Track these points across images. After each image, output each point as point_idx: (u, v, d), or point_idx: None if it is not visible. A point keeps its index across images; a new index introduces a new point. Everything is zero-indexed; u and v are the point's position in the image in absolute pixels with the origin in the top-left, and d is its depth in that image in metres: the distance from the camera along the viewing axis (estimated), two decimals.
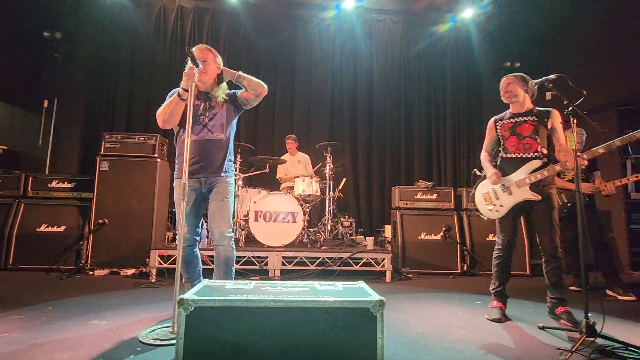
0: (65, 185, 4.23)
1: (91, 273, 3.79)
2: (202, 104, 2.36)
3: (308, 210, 4.38)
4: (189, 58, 2.12)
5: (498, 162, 2.64)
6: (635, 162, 4.33)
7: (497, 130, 2.65)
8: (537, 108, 2.56)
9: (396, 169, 6.23)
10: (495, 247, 2.66)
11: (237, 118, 2.53)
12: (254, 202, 4.04)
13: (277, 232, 3.97)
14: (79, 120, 5.46)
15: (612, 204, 4.92)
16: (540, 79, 2.24)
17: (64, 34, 5.28)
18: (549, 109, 2.53)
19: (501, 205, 2.55)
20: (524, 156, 2.50)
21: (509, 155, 2.57)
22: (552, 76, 2.20)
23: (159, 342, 1.85)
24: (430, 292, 3.39)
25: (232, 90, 2.49)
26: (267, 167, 4.61)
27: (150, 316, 2.37)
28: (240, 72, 2.38)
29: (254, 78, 2.38)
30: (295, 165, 5.22)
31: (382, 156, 6.25)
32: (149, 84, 5.75)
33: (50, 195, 4.18)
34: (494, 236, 4.47)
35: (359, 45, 6.31)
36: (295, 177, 4.52)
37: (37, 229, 3.97)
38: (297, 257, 3.91)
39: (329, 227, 4.59)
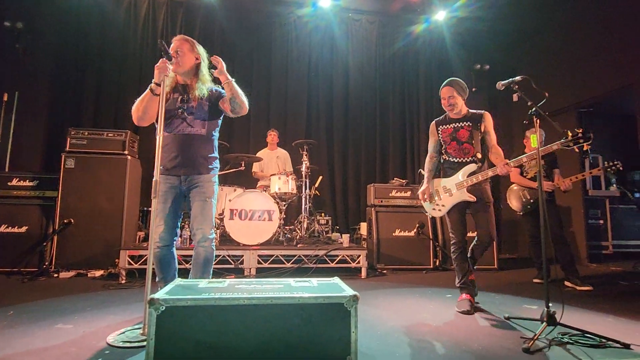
0: (27, 183, 4.01)
1: (56, 275, 3.62)
2: (180, 97, 2.25)
3: (284, 208, 4.37)
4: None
5: (442, 163, 2.88)
6: (592, 161, 4.65)
7: (439, 134, 2.86)
8: (470, 111, 2.79)
9: (372, 166, 6.33)
10: (451, 243, 2.80)
11: (221, 115, 2.42)
12: (229, 200, 3.98)
13: (252, 231, 3.94)
14: (43, 115, 5.17)
15: (572, 200, 5.23)
16: (506, 81, 2.33)
17: (25, 24, 4.99)
18: (482, 112, 2.75)
19: (443, 205, 2.78)
20: (462, 160, 2.75)
21: (450, 159, 2.80)
22: (517, 78, 2.31)
23: (128, 345, 1.80)
24: (403, 287, 3.48)
25: (218, 89, 2.37)
26: (243, 164, 4.56)
27: (120, 319, 2.29)
28: (232, 81, 2.24)
29: (241, 96, 2.26)
30: (274, 161, 5.15)
31: (358, 154, 6.32)
32: (118, 78, 5.53)
33: (10, 194, 3.94)
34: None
35: (336, 44, 6.34)
36: (271, 175, 4.49)
37: None
38: (273, 255, 3.90)
39: (305, 225, 4.59)
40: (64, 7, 5.31)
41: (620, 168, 3.25)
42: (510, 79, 2.32)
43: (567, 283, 3.47)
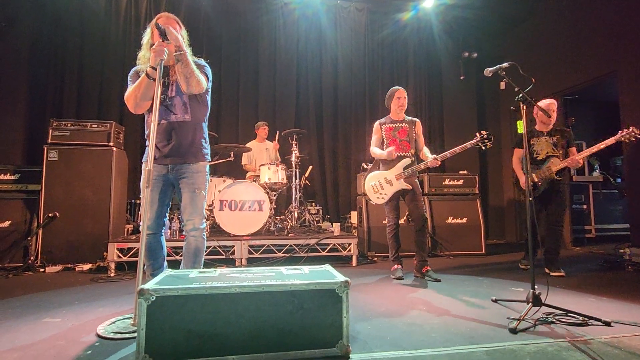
0: (9, 177, 3.89)
1: (42, 270, 3.55)
2: (162, 81, 2.08)
3: (274, 198, 4.35)
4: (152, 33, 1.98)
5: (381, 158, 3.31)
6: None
7: (382, 132, 3.39)
8: (406, 117, 3.41)
9: (361, 156, 6.33)
10: (387, 224, 3.36)
11: (207, 96, 2.25)
12: (219, 191, 3.95)
13: (243, 221, 3.92)
14: (22, 105, 4.98)
15: None
16: (494, 67, 2.34)
17: (1, 12, 4.77)
18: (415, 120, 3.42)
19: (385, 194, 3.27)
20: (401, 154, 3.28)
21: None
22: (504, 64, 2.32)
23: (119, 336, 1.78)
24: None
25: (199, 61, 2.21)
26: (232, 155, 4.51)
27: (110, 311, 2.27)
28: (186, 52, 2.02)
29: (194, 69, 2.04)
30: (263, 153, 5.14)
31: (347, 143, 6.31)
32: (101, 66, 5.36)
33: None
34: (453, 219, 4.74)
35: (324, 32, 6.26)
36: (261, 166, 4.46)
37: None
38: (264, 245, 3.90)
39: (295, 215, 4.60)
40: None
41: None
42: (498, 66, 2.33)
43: (546, 269, 3.37)
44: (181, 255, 2.27)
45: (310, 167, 5.29)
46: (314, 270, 1.82)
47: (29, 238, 3.68)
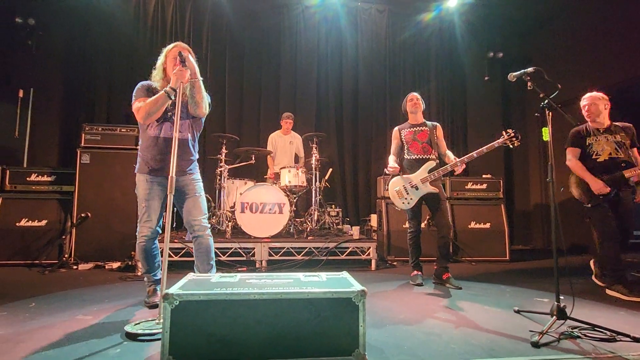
0: (45, 178, 4.13)
1: (75, 267, 3.76)
2: (171, 101, 2.31)
3: (294, 200, 4.41)
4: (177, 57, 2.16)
5: (403, 163, 3.30)
6: None
7: (402, 137, 3.35)
8: (426, 121, 3.36)
9: (382, 158, 6.29)
10: (409, 230, 3.31)
11: (203, 119, 2.53)
12: (240, 194, 4.04)
13: (263, 223, 4.00)
14: (57, 110, 5.28)
15: None
16: (518, 72, 2.28)
17: (37, 20, 5.06)
18: (436, 124, 3.37)
19: (411, 198, 3.18)
20: (423, 157, 3.23)
21: (412, 157, 3.26)
22: (529, 69, 2.26)
23: (145, 337, 1.87)
24: None
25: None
26: (253, 158, 4.59)
27: (136, 309, 2.38)
28: (200, 80, 2.30)
29: (204, 96, 2.34)
30: (287, 147, 5.12)
31: (368, 146, 6.29)
32: (129, 74, 5.58)
33: (29, 189, 4.08)
34: (476, 224, 4.65)
35: (344, 34, 6.26)
36: (281, 169, 4.52)
37: (17, 224, 3.90)
38: (284, 247, 3.95)
39: (315, 217, 4.63)
40: (73, 3, 5.36)
41: None
42: (522, 71, 2.27)
43: (609, 292, 2.89)
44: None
45: (330, 169, 5.31)
46: (332, 278, 1.84)
47: (64, 237, 3.90)
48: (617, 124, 2.99)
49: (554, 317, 1.96)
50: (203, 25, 5.84)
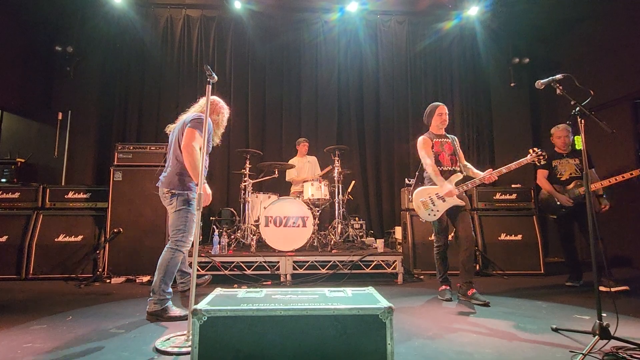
0: (81, 195, 4.35)
1: (108, 281, 3.90)
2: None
3: (318, 214, 4.41)
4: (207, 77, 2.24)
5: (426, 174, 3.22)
6: None
7: (432, 146, 3.22)
8: (446, 133, 3.30)
9: (405, 170, 6.22)
10: (436, 244, 3.21)
11: None
12: (264, 208, 4.09)
13: (287, 237, 4.01)
14: (92, 131, 5.61)
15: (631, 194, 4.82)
16: (546, 80, 2.21)
17: (75, 48, 5.44)
18: (454, 136, 3.33)
19: (438, 210, 3.09)
20: (451, 169, 3.17)
21: (441, 169, 3.15)
22: (558, 76, 2.18)
23: (175, 350, 1.90)
24: None
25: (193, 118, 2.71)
26: (276, 172, 4.66)
27: (166, 324, 2.43)
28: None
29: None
30: (306, 166, 5.32)
31: (390, 157, 6.24)
32: (158, 94, 5.88)
33: (67, 206, 4.30)
34: (507, 236, 4.47)
35: (364, 47, 6.32)
36: (304, 182, 4.56)
37: (56, 239, 4.11)
38: (308, 261, 3.94)
39: (339, 230, 4.61)
40: (107, 30, 5.73)
41: None
42: (551, 78, 2.19)
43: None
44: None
45: (353, 182, 5.30)
46: (358, 294, 1.82)
47: (98, 252, 4.06)
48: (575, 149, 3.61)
49: (597, 336, 1.83)
50: (226, 45, 6.07)
